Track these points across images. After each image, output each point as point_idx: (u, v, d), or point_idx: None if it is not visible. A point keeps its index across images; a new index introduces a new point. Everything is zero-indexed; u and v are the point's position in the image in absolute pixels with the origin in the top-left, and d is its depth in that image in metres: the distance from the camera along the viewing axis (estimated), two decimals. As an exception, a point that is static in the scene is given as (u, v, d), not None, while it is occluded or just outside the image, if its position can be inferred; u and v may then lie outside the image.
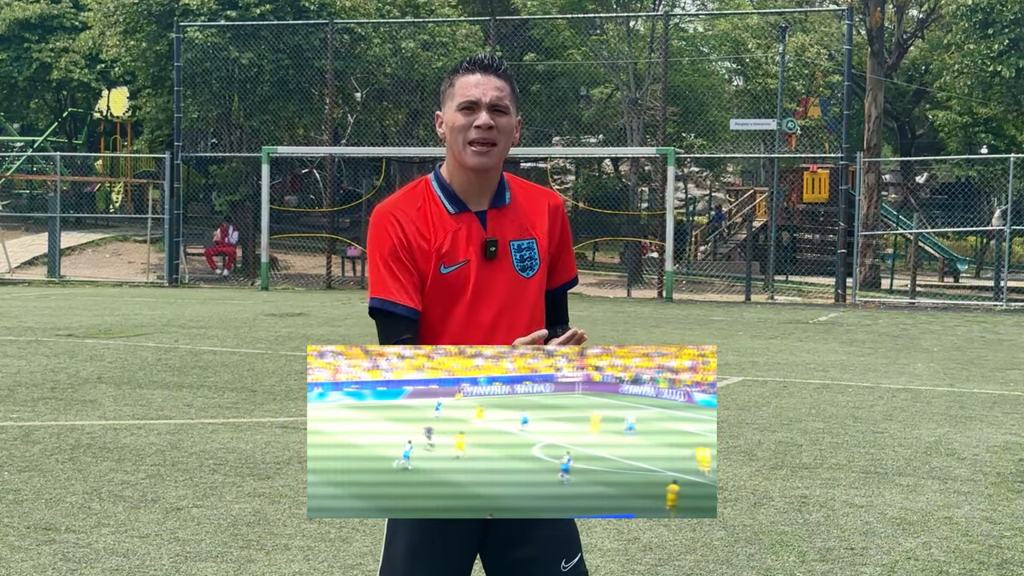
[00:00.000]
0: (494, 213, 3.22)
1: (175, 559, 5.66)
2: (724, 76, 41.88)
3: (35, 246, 31.19)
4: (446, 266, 3.17)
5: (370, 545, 5.94)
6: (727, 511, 6.71)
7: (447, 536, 3.15)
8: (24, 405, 9.86)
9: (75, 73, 35.05)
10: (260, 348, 14.25)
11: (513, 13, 34.27)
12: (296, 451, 8.15)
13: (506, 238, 3.22)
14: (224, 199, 31.07)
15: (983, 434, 9.32)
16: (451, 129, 3.17)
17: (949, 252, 39.02)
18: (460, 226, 3.19)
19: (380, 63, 30.38)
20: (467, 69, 3.19)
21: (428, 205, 3.21)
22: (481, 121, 3.13)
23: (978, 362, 14.31)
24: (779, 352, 14.99)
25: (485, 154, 3.14)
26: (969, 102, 35.43)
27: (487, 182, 3.22)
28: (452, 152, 3.19)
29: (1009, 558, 5.94)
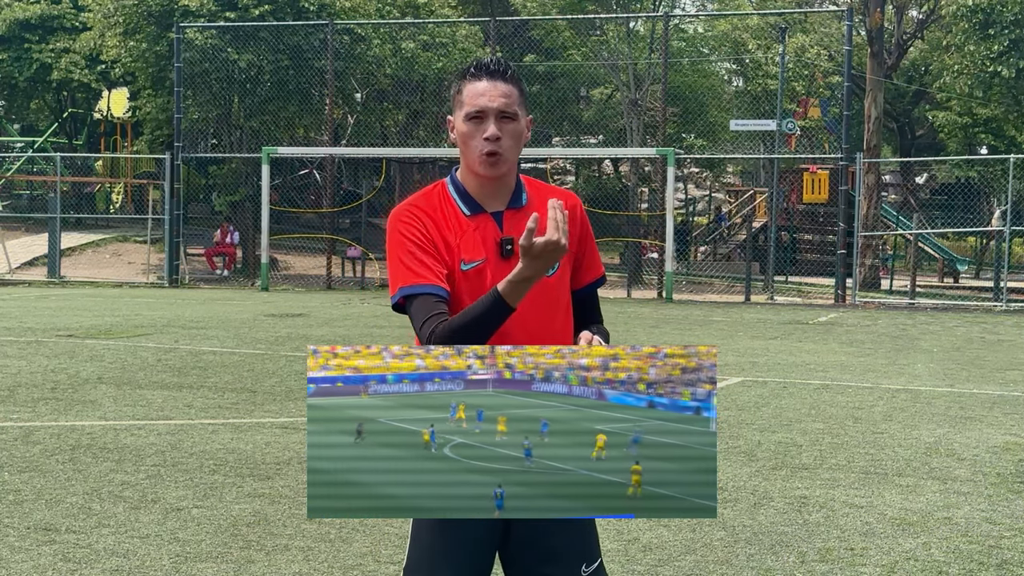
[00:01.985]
0: (510, 214, 3.24)
1: (175, 559, 5.66)
2: (724, 77, 41.90)
3: (35, 247, 31.20)
4: (466, 263, 3.19)
5: (370, 546, 5.94)
6: (727, 511, 6.71)
7: (466, 536, 3.15)
8: (24, 406, 9.86)
9: (75, 74, 35.05)
10: (260, 349, 14.25)
11: (513, 14, 34.29)
12: (296, 451, 8.15)
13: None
14: (224, 199, 31.08)
15: (983, 434, 9.32)
16: (461, 137, 3.20)
17: (949, 253, 39.03)
18: (476, 226, 3.22)
19: (380, 64, 30.40)
20: (473, 75, 3.21)
21: (444, 207, 3.24)
22: (489, 133, 3.14)
23: (978, 362, 14.31)
24: (779, 353, 14.99)
25: (495, 164, 3.17)
26: (969, 103, 35.44)
27: (501, 185, 3.25)
28: (464, 157, 3.23)
29: (1009, 559, 5.94)
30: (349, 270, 29.88)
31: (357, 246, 29.42)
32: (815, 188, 29.06)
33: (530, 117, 3.29)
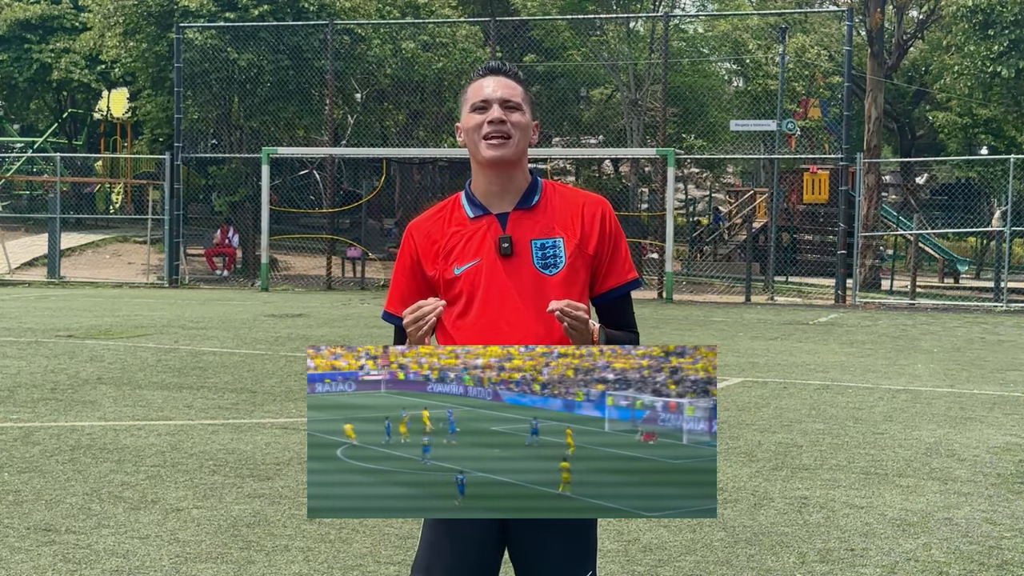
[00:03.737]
0: (517, 215, 3.22)
1: (175, 560, 5.66)
2: (724, 77, 41.91)
3: (35, 247, 31.18)
4: (459, 267, 3.20)
5: (370, 546, 5.94)
6: (727, 512, 6.71)
7: (468, 536, 3.17)
8: (24, 406, 9.86)
9: (75, 74, 35.03)
10: (260, 349, 14.25)
11: (513, 14, 34.29)
12: (296, 452, 8.15)
13: (527, 237, 3.21)
14: (224, 200, 31.08)
15: (983, 435, 9.32)
16: (467, 131, 3.21)
17: (949, 253, 39.03)
18: (478, 228, 3.22)
19: (380, 64, 30.39)
20: (479, 75, 3.24)
21: (451, 213, 3.28)
22: (493, 115, 3.15)
23: (978, 363, 14.31)
24: (779, 353, 14.99)
25: (500, 146, 3.15)
26: (969, 103, 35.44)
27: (508, 182, 3.22)
28: (472, 155, 3.23)
29: (1009, 559, 5.94)
30: (349, 270, 29.87)
31: (357, 246, 29.42)
32: (815, 188, 29.04)
33: (536, 122, 3.28)
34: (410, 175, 40.64)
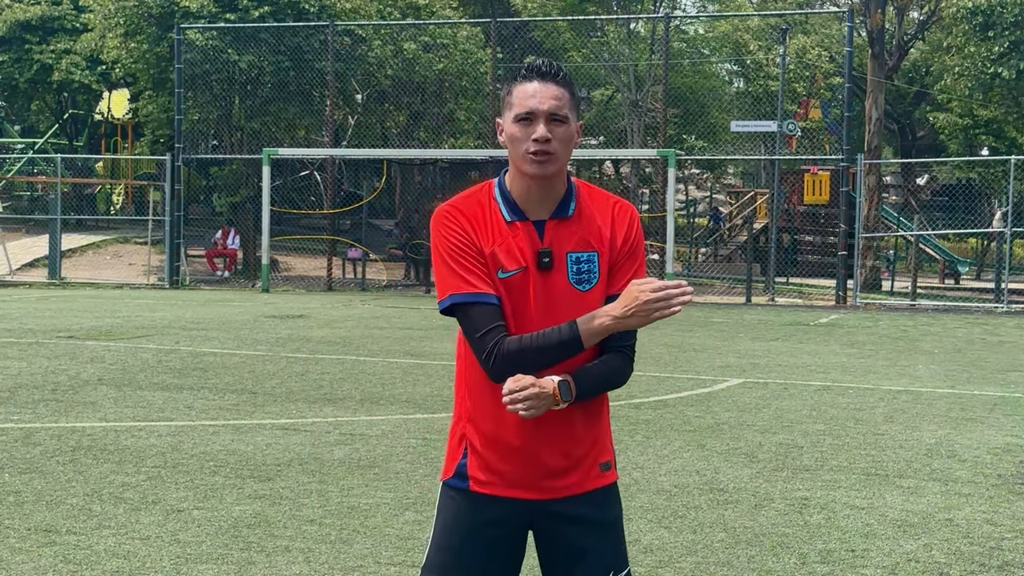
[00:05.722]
0: (554, 224, 3.15)
1: (176, 561, 5.65)
2: (725, 78, 41.92)
3: (36, 248, 31.18)
4: (505, 271, 3.11)
5: (370, 547, 5.94)
6: (728, 513, 6.71)
7: (481, 539, 3.16)
8: (25, 407, 9.86)
9: (76, 75, 35.04)
10: (261, 350, 14.25)
11: (514, 15, 34.30)
12: (296, 453, 8.15)
13: (563, 249, 3.13)
14: (224, 201, 31.07)
15: (984, 436, 9.31)
16: (510, 139, 3.12)
17: (950, 254, 39.03)
18: (516, 234, 3.13)
19: (381, 65, 30.39)
20: (525, 77, 3.13)
21: (487, 210, 3.16)
22: (539, 134, 3.06)
23: (979, 364, 14.31)
24: (780, 354, 14.98)
25: (544, 163, 3.08)
26: (970, 104, 35.43)
27: (548, 191, 3.15)
28: (511, 159, 3.15)
29: (1010, 560, 5.93)
30: (350, 271, 29.87)
31: (358, 247, 29.42)
32: (816, 189, 29.05)
33: (580, 123, 3.20)
34: (411, 176, 40.57)
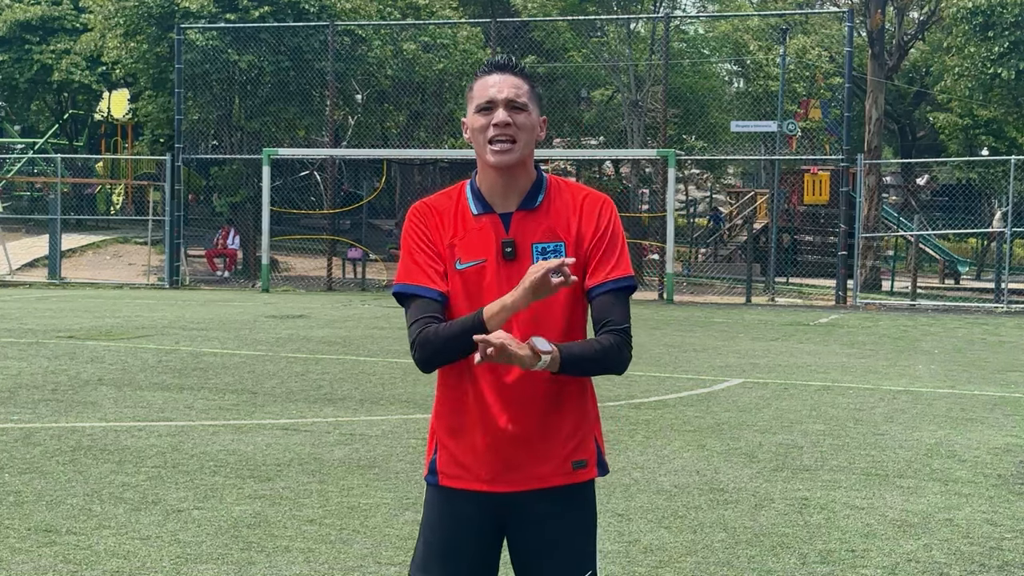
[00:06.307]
0: (521, 215, 3.18)
1: (176, 561, 5.65)
2: (725, 78, 41.89)
3: (36, 248, 31.18)
4: (462, 262, 3.16)
5: (370, 547, 5.94)
6: (728, 513, 6.71)
7: (464, 534, 3.18)
8: (25, 407, 9.86)
9: (76, 75, 35.05)
10: (261, 350, 14.25)
11: (514, 15, 34.28)
12: (297, 453, 8.15)
13: (529, 240, 3.16)
14: (225, 201, 31.07)
15: (984, 436, 9.31)
16: (473, 132, 3.17)
17: (950, 254, 39.02)
18: (481, 226, 3.18)
19: (381, 65, 30.39)
20: (485, 71, 3.20)
21: (456, 205, 3.22)
22: (498, 119, 3.11)
23: (979, 364, 14.31)
24: (780, 354, 14.98)
25: (505, 152, 3.12)
26: (970, 104, 35.44)
27: (513, 182, 3.18)
28: (477, 154, 3.20)
29: (1010, 560, 5.93)
30: (350, 271, 29.88)
31: (358, 247, 29.42)
32: (816, 189, 29.05)
33: (544, 118, 3.24)
34: (411, 176, 40.63)
